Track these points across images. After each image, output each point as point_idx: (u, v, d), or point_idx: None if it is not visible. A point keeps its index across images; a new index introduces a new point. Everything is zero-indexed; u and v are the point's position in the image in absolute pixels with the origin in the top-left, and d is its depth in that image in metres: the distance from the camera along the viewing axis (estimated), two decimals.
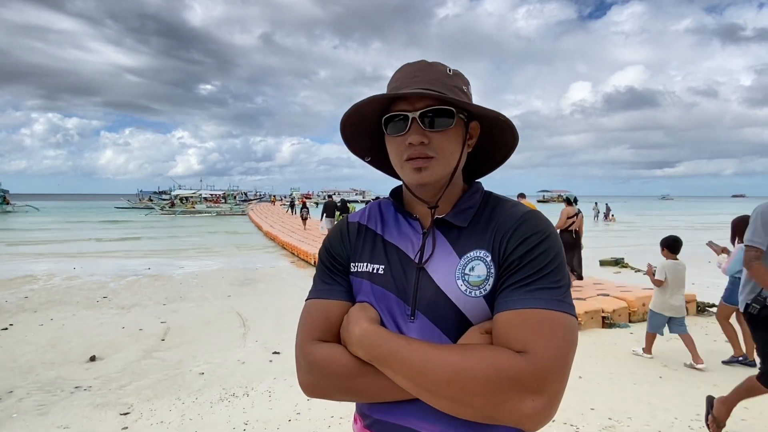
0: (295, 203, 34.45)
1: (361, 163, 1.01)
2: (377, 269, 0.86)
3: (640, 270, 9.41)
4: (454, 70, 0.85)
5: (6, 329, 5.52)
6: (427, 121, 0.80)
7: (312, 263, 10.94)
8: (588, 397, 3.41)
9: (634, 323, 5.43)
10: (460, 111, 0.82)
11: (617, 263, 10.64)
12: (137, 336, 5.25)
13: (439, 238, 0.85)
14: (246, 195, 65.82)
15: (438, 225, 0.86)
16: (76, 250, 14.73)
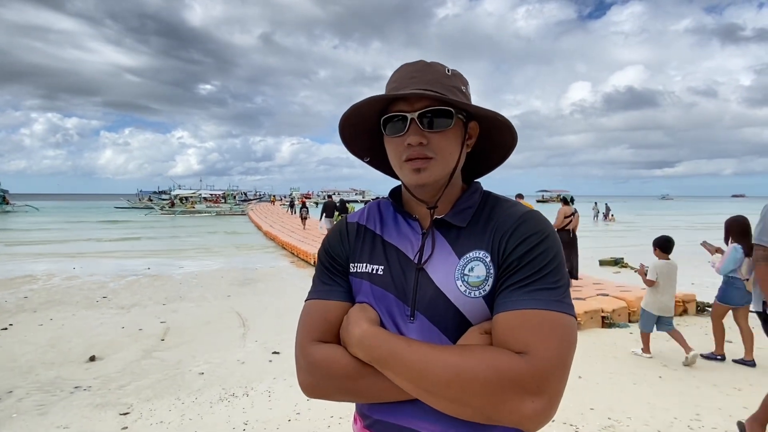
0: (295, 203, 34.44)
1: (361, 164, 1.01)
2: (376, 270, 0.86)
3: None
4: (452, 70, 0.85)
5: (6, 329, 5.52)
6: (426, 122, 0.79)
7: (311, 263, 10.93)
8: (588, 397, 3.42)
9: (633, 323, 5.42)
10: (458, 111, 0.81)
11: (617, 263, 10.66)
12: (137, 336, 5.25)
13: (439, 238, 0.85)
14: (246, 195, 65.80)
15: (437, 225, 0.86)
16: (75, 250, 14.73)
